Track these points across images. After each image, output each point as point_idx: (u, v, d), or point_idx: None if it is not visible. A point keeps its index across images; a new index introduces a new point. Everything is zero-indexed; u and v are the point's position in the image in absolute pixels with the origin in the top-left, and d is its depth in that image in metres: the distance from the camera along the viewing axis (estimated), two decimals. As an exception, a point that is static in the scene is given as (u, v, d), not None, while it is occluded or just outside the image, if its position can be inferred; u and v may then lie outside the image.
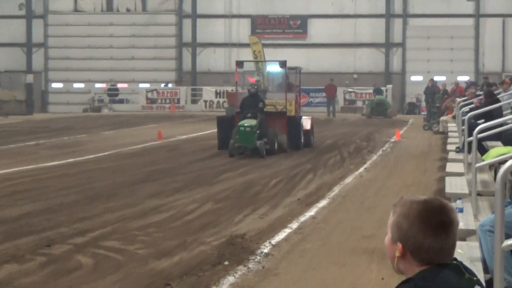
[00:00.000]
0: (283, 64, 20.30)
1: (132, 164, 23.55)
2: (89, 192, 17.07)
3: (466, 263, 3.16)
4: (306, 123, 22.57)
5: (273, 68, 24.64)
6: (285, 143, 20.53)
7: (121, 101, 54.07)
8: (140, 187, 17.85)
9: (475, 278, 3.08)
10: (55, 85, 56.39)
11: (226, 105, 39.28)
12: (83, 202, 16.13)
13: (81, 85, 54.19)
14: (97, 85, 54.53)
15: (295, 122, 20.64)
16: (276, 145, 20.01)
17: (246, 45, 42.46)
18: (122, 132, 35.89)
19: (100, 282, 9.88)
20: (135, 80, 54.46)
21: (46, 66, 54.16)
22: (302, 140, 22.39)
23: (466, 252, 7.04)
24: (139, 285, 9.77)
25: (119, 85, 55.19)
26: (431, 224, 2.99)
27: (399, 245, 3.01)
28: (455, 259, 3.08)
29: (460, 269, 3.05)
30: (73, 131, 35.83)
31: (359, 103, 43.31)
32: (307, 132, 22.69)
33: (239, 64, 21.77)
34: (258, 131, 19.57)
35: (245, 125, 18.77)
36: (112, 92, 53.94)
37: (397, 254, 3.04)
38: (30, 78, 51.01)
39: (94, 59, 54.26)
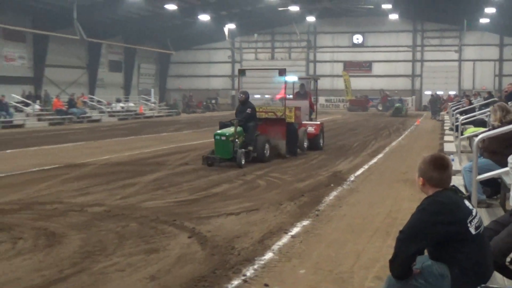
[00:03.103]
0: (282, 72, 16.29)
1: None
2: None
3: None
4: (312, 128, 18.40)
5: (290, 78, 19.81)
6: (283, 149, 16.07)
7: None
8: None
9: (464, 195, 4.16)
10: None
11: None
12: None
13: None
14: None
15: (292, 128, 16.27)
16: (267, 151, 15.41)
17: (340, 76, 57.51)
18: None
19: (271, 193, 11.04)
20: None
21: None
22: (306, 145, 17.76)
23: (455, 182, 5.89)
24: (289, 196, 10.63)
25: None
26: (437, 165, 4.02)
27: (421, 179, 4.06)
28: (453, 185, 4.10)
29: (456, 190, 4.09)
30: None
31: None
32: (314, 137, 18.40)
33: (242, 72, 17.98)
34: (237, 139, 14.60)
35: (220, 134, 14.46)
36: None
37: (420, 183, 4.09)
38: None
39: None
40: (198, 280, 5.90)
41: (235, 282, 5.88)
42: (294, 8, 49.06)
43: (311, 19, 54.98)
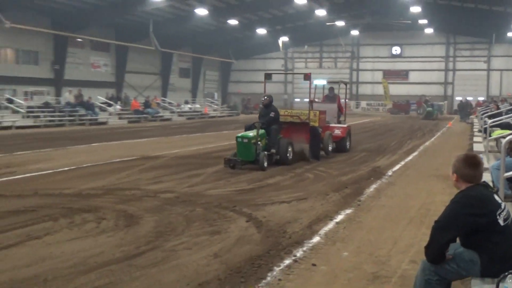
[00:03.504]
0: (307, 76, 14.29)
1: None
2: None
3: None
4: (339, 131, 16.17)
5: (319, 82, 18.75)
6: (307, 152, 14.10)
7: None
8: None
9: (494, 190, 4.14)
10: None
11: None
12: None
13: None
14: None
15: (315, 133, 14.23)
16: (290, 154, 13.36)
17: (379, 83, 57.31)
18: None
19: (318, 185, 10.96)
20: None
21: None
22: (331, 148, 15.69)
23: (483, 179, 5.38)
24: (334, 187, 10.61)
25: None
26: (469, 163, 3.97)
27: (455, 175, 4.00)
28: (484, 181, 4.06)
29: (487, 185, 4.07)
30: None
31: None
32: (340, 139, 16.24)
33: (268, 76, 15.88)
34: (260, 142, 12.84)
35: (242, 136, 12.71)
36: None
37: (454, 179, 4.03)
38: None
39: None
40: (255, 259, 5.94)
41: (287, 262, 5.89)
42: (340, 23, 49.19)
43: (355, 32, 54.90)
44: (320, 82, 19.40)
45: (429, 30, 52.04)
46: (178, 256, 6.03)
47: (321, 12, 43.11)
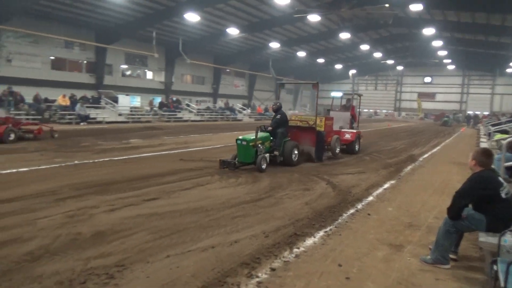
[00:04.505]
0: (315, 85, 10.82)
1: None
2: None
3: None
4: (349, 136, 12.35)
5: (336, 94, 14.93)
6: (313, 154, 10.53)
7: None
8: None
9: (499, 174, 4.06)
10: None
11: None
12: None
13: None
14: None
15: (320, 136, 10.65)
16: (295, 156, 9.69)
17: (414, 100, 52.65)
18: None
19: (373, 164, 10.44)
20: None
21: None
22: (338, 151, 11.50)
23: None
24: (383, 166, 10.06)
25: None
26: (485, 154, 3.78)
27: (474, 161, 3.79)
28: (493, 167, 3.91)
29: (494, 170, 3.92)
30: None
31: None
32: (350, 143, 12.31)
33: (281, 85, 11.88)
34: (260, 145, 8.95)
35: (241, 139, 8.96)
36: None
37: (472, 164, 3.81)
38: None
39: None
40: (331, 207, 5.84)
41: (351, 211, 5.74)
42: (390, 61, 47.06)
43: (400, 67, 51.99)
44: (337, 94, 15.68)
45: (451, 67, 48.23)
46: (283, 202, 6.05)
47: (378, 54, 41.77)
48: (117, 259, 3.69)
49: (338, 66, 48.03)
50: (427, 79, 55.30)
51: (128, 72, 30.89)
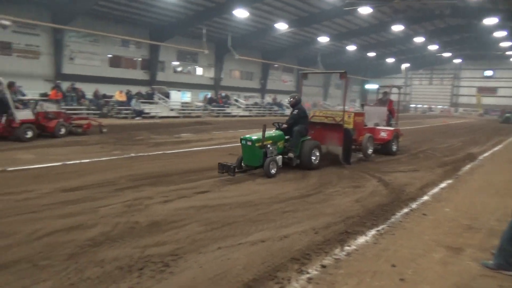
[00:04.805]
0: (343, 75, 8.51)
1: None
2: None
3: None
4: (385, 134, 10.70)
5: (371, 86, 11.58)
6: (340, 155, 8.72)
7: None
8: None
9: None
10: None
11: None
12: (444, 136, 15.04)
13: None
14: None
15: (347, 135, 8.80)
16: (317, 158, 8.12)
17: (473, 95, 49.89)
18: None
19: (427, 162, 9.81)
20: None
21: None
22: (371, 152, 9.97)
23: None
24: (439, 164, 9.49)
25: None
26: None
27: None
28: None
29: None
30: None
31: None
32: (386, 142, 10.71)
33: (304, 76, 9.89)
34: (269, 145, 7.35)
35: (246, 138, 7.29)
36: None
37: None
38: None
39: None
40: (383, 206, 5.65)
41: (405, 210, 5.52)
42: (447, 54, 44.66)
43: (457, 60, 49.22)
44: (372, 86, 13.00)
45: (515, 58, 45.11)
46: (333, 198, 5.96)
47: (433, 47, 39.60)
48: (172, 248, 3.83)
49: (390, 60, 46.39)
50: (488, 73, 51.70)
51: (179, 69, 31.87)
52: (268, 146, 7.44)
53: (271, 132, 7.86)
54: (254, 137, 7.37)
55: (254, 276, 3.33)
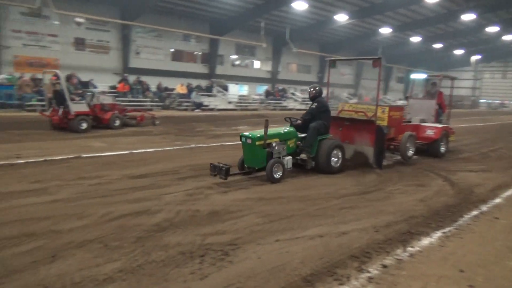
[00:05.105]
0: (376, 62, 6.72)
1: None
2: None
3: None
4: (431, 132, 9.02)
5: (418, 76, 11.21)
6: (371, 157, 7.31)
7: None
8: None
9: None
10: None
11: None
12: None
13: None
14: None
15: (379, 133, 7.25)
16: (337, 160, 6.86)
17: None
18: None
19: (500, 162, 9.14)
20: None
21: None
22: (411, 153, 8.41)
23: None
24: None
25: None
26: None
27: None
28: None
29: None
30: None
31: None
32: (432, 142, 9.08)
33: (332, 63, 8.10)
34: (276, 144, 6.22)
35: (246, 136, 6.18)
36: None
37: None
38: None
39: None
40: (449, 207, 5.31)
41: (474, 213, 5.14)
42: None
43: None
44: (419, 76, 11.83)
45: None
46: (394, 197, 5.72)
47: (509, 37, 36.30)
48: (231, 238, 3.92)
49: (459, 52, 43.32)
50: None
51: (237, 62, 32.37)
52: (273, 145, 6.29)
53: (280, 128, 6.72)
54: (255, 135, 6.24)
55: (312, 271, 3.31)
